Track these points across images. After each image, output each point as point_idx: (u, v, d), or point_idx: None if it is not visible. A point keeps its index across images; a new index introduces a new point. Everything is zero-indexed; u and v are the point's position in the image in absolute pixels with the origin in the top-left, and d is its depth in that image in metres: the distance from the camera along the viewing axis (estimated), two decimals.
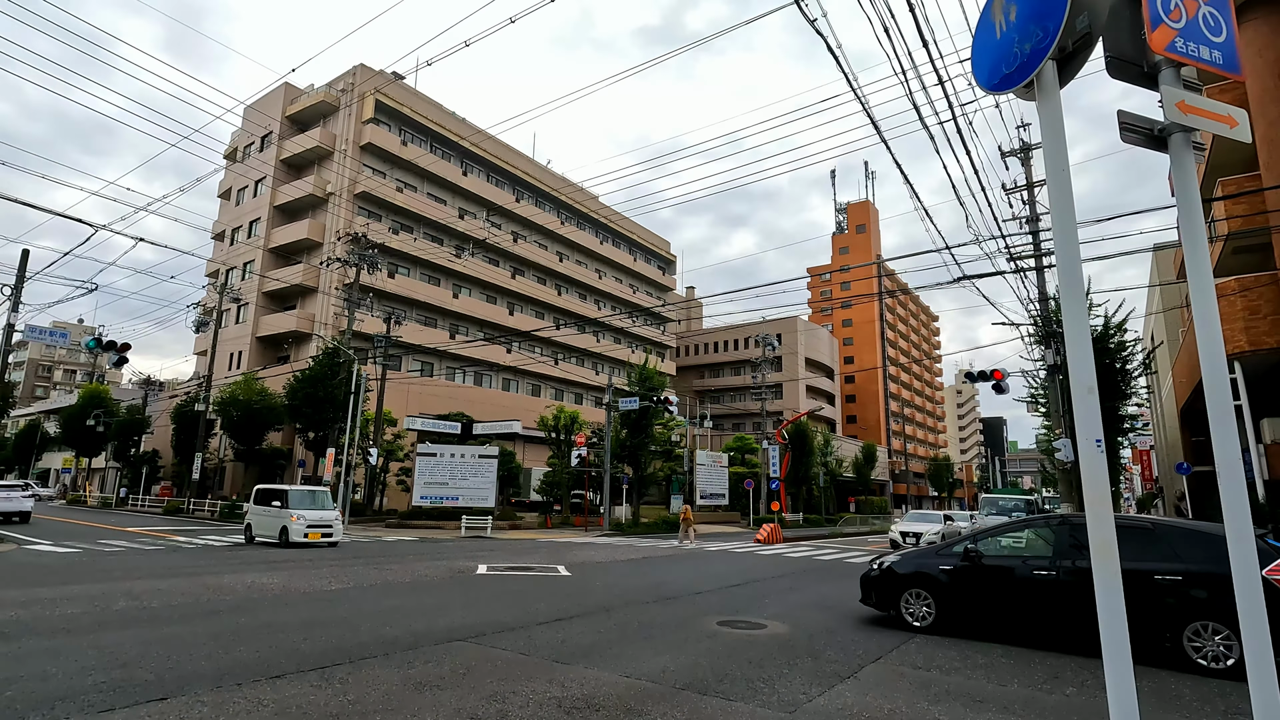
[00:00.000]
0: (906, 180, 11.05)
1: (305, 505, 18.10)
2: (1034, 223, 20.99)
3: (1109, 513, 1.87)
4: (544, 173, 55.05)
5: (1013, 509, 24.27)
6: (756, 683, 5.84)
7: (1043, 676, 6.45)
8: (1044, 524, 8.45)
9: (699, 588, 11.84)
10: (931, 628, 8.30)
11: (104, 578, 11.31)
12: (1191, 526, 7.90)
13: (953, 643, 7.90)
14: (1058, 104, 2.03)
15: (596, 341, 55.21)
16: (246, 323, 42.00)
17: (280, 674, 5.56)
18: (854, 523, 42.27)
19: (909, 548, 22.99)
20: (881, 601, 8.94)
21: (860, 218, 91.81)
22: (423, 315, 43.88)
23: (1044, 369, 21.22)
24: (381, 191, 41.77)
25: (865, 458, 61.98)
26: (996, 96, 2.87)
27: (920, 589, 8.53)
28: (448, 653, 6.49)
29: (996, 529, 8.75)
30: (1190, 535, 7.42)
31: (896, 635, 8.15)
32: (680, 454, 38.92)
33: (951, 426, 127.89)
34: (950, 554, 8.54)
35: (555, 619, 8.43)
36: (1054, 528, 8.03)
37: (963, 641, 7.94)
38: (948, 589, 8.32)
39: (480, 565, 14.25)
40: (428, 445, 30.32)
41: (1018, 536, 8.45)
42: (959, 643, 7.87)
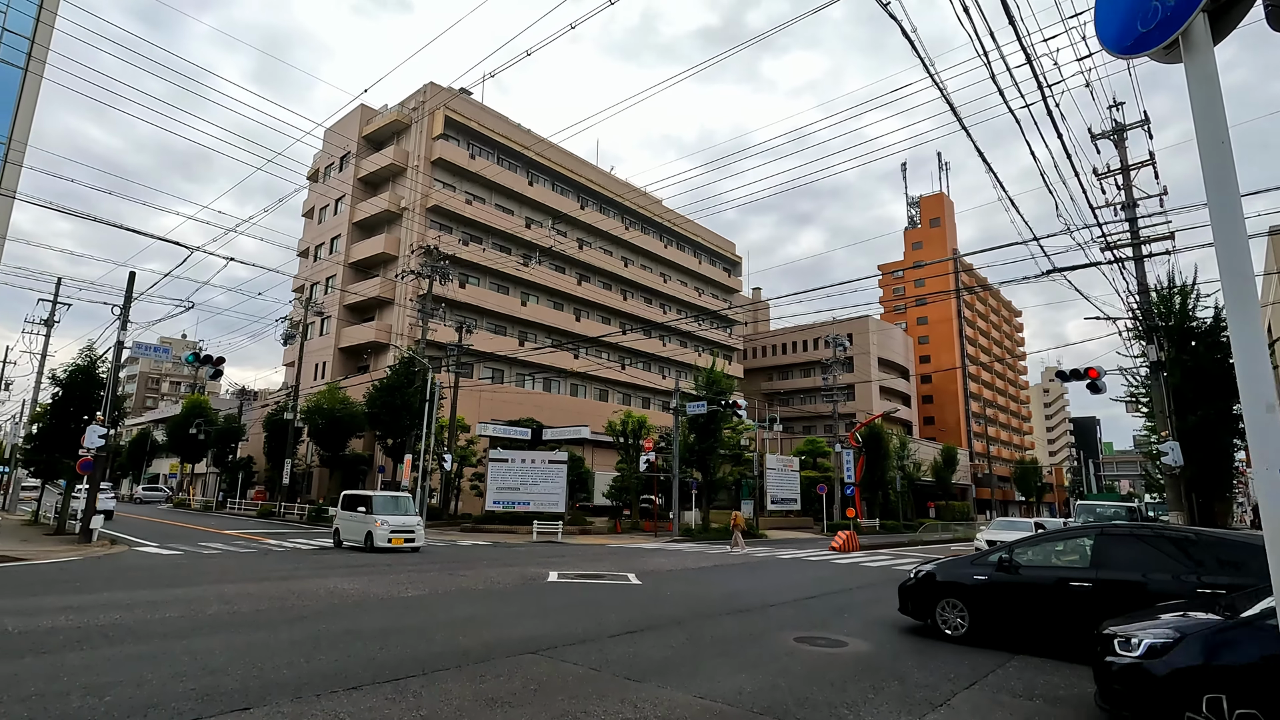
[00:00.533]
0: (988, 167, 10.36)
1: (389, 511, 18.59)
2: (1131, 209, 19.50)
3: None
4: (607, 179, 55.45)
5: (1112, 517, 22.56)
6: (840, 708, 5.49)
7: None
8: (1082, 535, 8.40)
9: (773, 599, 11.46)
10: (965, 638, 8.13)
11: (201, 580, 11.93)
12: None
13: (1055, 666, 7.28)
14: (1211, 64, 1.70)
15: (663, 345, 55.10)
16: (329, 335, 44.04)
17: (356, 685, 5.61)
18: (935, 529, 40.47)
19: None
20: (918, 610, 8.81)
21: (934, 211, 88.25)
22: (493, 323, 44.90)
23: (1145, 366, 19.66)
24: (451, 204, 43.02)
25: (945, 461, 59.34)
26: (1129, 60, 2.54)
27: (955, 598, 8.35)
28: (519, 666, 6.42)
29: (1032, 539, 8.60)
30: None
31: (992, 657, 7.58)
32: (749, 458, 38.26)
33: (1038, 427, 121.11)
34: (986, 563, 8.38)
35: (626, 631, 8.27)
36: (1093, 538, 7.95)
37: (1065, 665, 7.30)
38: (982, 598, 8.15)
39: (551, 572, 14.29)
40: (499, 451, 30.89)
41: (1054, 547, 8.38)
42: (1062, 666, 7.24)
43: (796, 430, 66.87)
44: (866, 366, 67.10)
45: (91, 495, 19.66)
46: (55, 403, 22.42)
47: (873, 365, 68.03)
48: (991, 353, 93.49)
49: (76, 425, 21.71)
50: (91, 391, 22.44)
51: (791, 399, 72.08)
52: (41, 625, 7.74)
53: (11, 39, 21.06)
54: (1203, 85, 1.71)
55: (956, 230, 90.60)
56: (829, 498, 38.28)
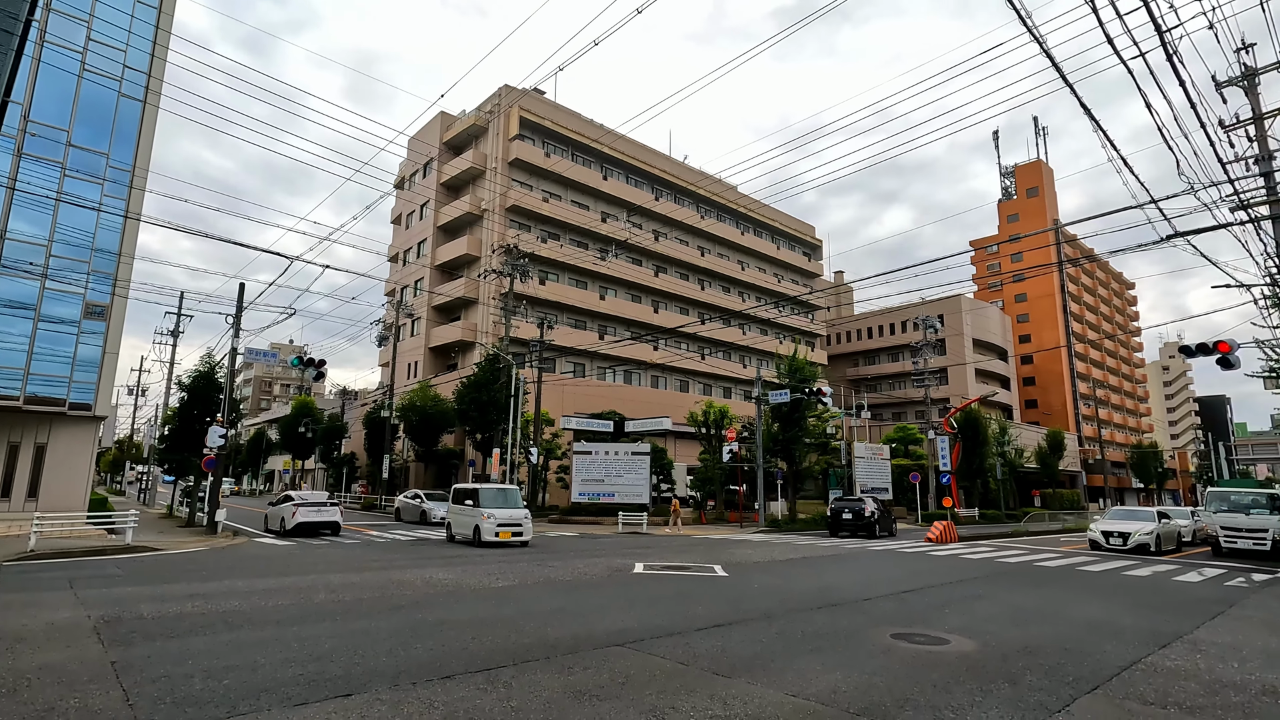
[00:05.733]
0: (1096, 124, 9.42)
1: (496, 504, 18.48)
2: (1266, 162, 17.46)
3: None
4: (681, 169, 55.06)
5: (1250, 505, 20.39)
6: (944, 711, 5.15)
7: None
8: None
9: (868, 593, 11.02)
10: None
11: (310, 570, 12.69)
12: None
13: (1188, 670, 6.59)
14: None
15: (743, 334, 54.32)
16: (419, 335, 46.00)
17: (450, 674, 5.75)
18: (1041, 519, 38.03)
19: (1111, 549, 20.12)
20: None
21: (1031, 180, 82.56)
22: (572, 318, 45.58)
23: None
24: (529, 203, 43.91)
25: (1050, 446, 55.64)
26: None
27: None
28: (606, 659, 6.41)
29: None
30: None
31: (1116, 658, 6.95)
32: (836, 446, 37.19)
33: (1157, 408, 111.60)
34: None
35: (714, 625, 8.13)
36: None
37: (1206, 672, 6.60)
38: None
39: (637, 564, 14.33)
40: (583, 444, 31.34)
41: None
42: (1200, 673, 6.55)
43: (885, 417, 64.44)
44: (960, 348, 63.78)
45: (214, 490, 21.31)
46: (182, 406, 24.48)
47: (966, 347, 64.58)
48: (1101, 329, 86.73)
49: (201, 426, 23.65)
50: (212, 395, 24.36)
51: (879, 385, 69.48)
52: (171, 611, 8.41)
53: (131, 74, 23.00)
54: None
55: (1057, 200, 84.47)
56: (923, 486, 36.67)
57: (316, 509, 20.91)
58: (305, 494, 23.21)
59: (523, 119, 44.36)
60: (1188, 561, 18.07)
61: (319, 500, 21.61)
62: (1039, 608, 10.09)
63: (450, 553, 16.25)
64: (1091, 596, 11.42)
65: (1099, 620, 9.16)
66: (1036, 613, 9.65)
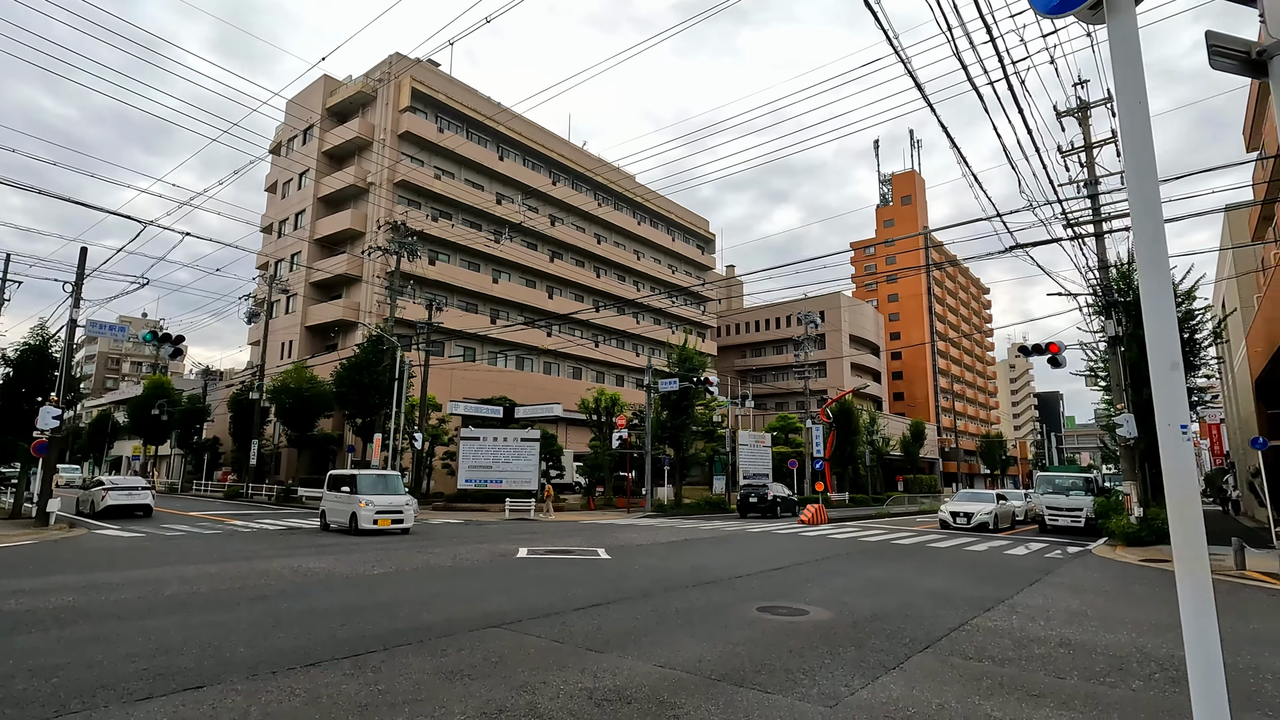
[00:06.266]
0: (952, 142, 10.42)
1: (376, 491, 17.87)
2: (1093, 185, 19.84)
3: (1196, 511, 1.56)
4: (580, 154, 54.79)
5: (1070, 487, 23.29)
6: (796, 674, 5.61)
7: (1105, 668, 6.06)
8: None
9: (740, 571, 11.64)
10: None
11: (161, 562, 11.72)
12: None
13: (1005, 629, 7.52)
14: (1133, 24, 1.70)
15: (636, 323, 55.05)
16: (295, 313, 43.15)
17: (315, 662, 5.58)
18: (901, 502, 41.39)
19: (957, 528, 22.32)
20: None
21: (906, 188, 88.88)
22: (464, 301, 44.37)
23: (1104, 341, 20.16)
24: (420, 179, 42.18)
25: (913, 435, 60.55)
26: (1055, 21, 2.54)
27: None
28: (482, 640, 6.44)
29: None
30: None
31: (948, 621, 7.80)
32: (722, 434, 38.60)
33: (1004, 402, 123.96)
34: None
35: (592, 605, 8.34)
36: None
37: (1019, 630, 7.56)
38: None
39: (521, 549, 14.33)
40: (471, 429, 30.73)
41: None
42: (1014, 631, 7.49)
43: (769, 407, 67.56)
44: (838, 343, 67.86)
45: (46, 477, 19.12)
46: (5, 384, 21.68)
47: (844, 342, 68.81)
48: (960, 329, 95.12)
49: (30, 406, 21.05)
50: (45, 372, 21.73)
51: (765, 376, 72.70)
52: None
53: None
54: (1124, 45, 1.71)
55: (928, 208, 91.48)
56: (800, 472, 38.85)
57: (128, 492, 22.14)
58: (117, 479, 24.63)
59: (415, 91, 42.46)
60: (1018, 537, 20.35)
61: (131, 484, 22.92)
62: (890, 580, 11.08)
63: (324, 541, 15.52)
64: (936, 569, 12.66)
65: (939, 590, 10.20)
66: (887, 584, 10.59)
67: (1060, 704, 5.06)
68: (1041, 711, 4.89)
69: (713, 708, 4.73)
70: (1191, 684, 1.53)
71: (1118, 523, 18.59)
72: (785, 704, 4.87)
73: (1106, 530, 19.75)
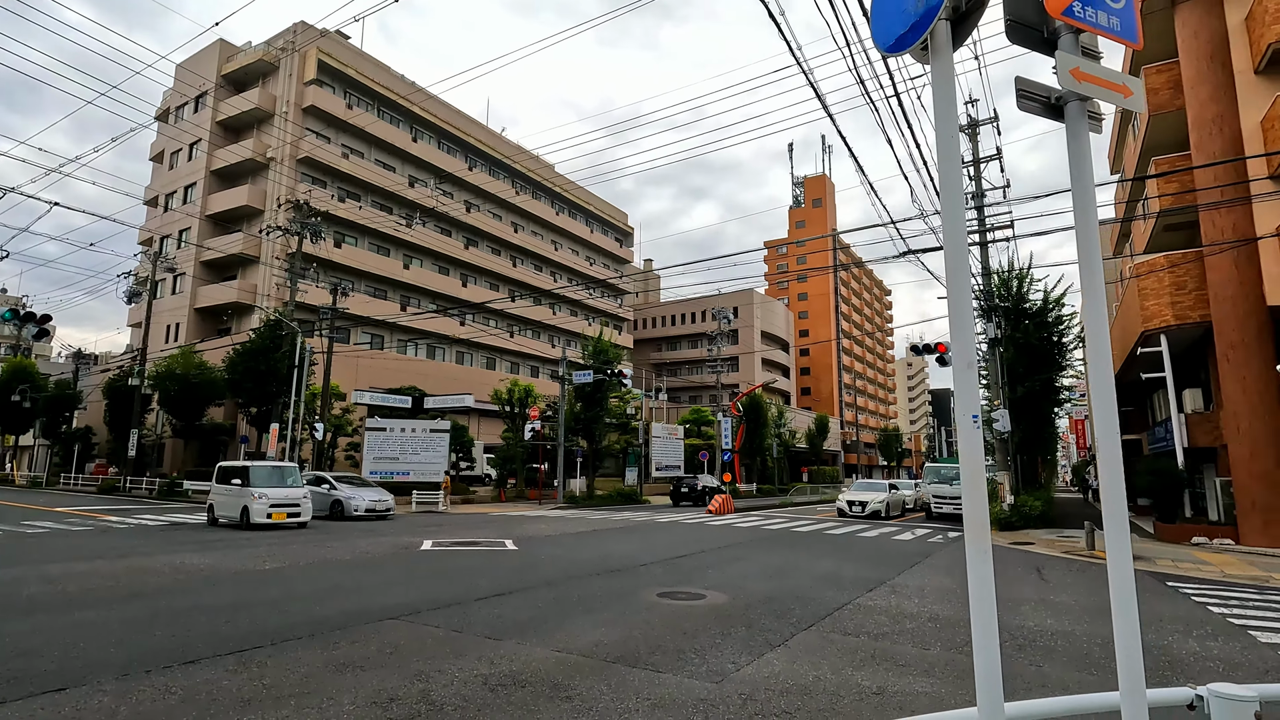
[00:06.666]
0: (850, 152, 11.05)
1: (271, 483, 17.12)
2: (980, 198, 21.40)
3: (983, 493, 1.84)
4: (498, 140, 53.71)
5: (953, 477, 25.12)
6: (688, 653, 5.88)
7: (964, 639, 6.67)
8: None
9: (645, 559, 11.92)
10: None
11: (20, 561, 10.75)
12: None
13: (884, 607, 8.12)
14: (950, 66, 1.95)
15: (553, 314, 54.67)
16: (184, 294, 40.18)
17: (194, 659, 5.35)
18: (805, 492, 43.26)
19: (853, 516, 23.64)
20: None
21: (817, 192, 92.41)
22: (372, 286, 42.67)
23: (985, 342, 21.84)
24: (326, 157, 40.14)
25: (818, 429, 63.27)
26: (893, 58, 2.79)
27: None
28: (377, 632, 6.35)
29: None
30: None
31: (833, 601, 8.33)
32: (636, 426, 39.03)
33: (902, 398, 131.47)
34: None
35: (495, 594, 8.36)
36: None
37: (895, 608, 8.17)
38: None
39: (426, 541, 14.08)
40: (377, 420, 29.70)
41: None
42: (891, 608, 8.10)
43: (683, 400, 68.81)
44: (750, 339, 69.91)
45: None
46: None
47: (756, 338, 70.96)
48: (863, 328, 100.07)
49: None
50: None
51: (679, 369, 73.92)
52: None
53: None
54: (943, 83, 1.96)
55: (837, 211, 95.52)
56: (710, 464, 39.86)
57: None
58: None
59: (321, 63, 40.33)
60: (907, 524, 21.79)
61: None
62: (786, 565, 11.66)
63: (210, 537, 14.66)
64: (829, 554, 13.42)
65: (830, 573, 10.84)
66: (783, 569, 11.15)
67: (923, 672, 5.56)
68: (905, 679, 5.36)
69: (604, 688, 4.91)
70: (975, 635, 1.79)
71: (993, 510, 20.23)
72: (674, 681, 5.11)
73: None
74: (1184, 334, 18.30)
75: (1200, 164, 16.55)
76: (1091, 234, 2.11)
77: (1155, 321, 18.01)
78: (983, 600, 1.80)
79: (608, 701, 4.63)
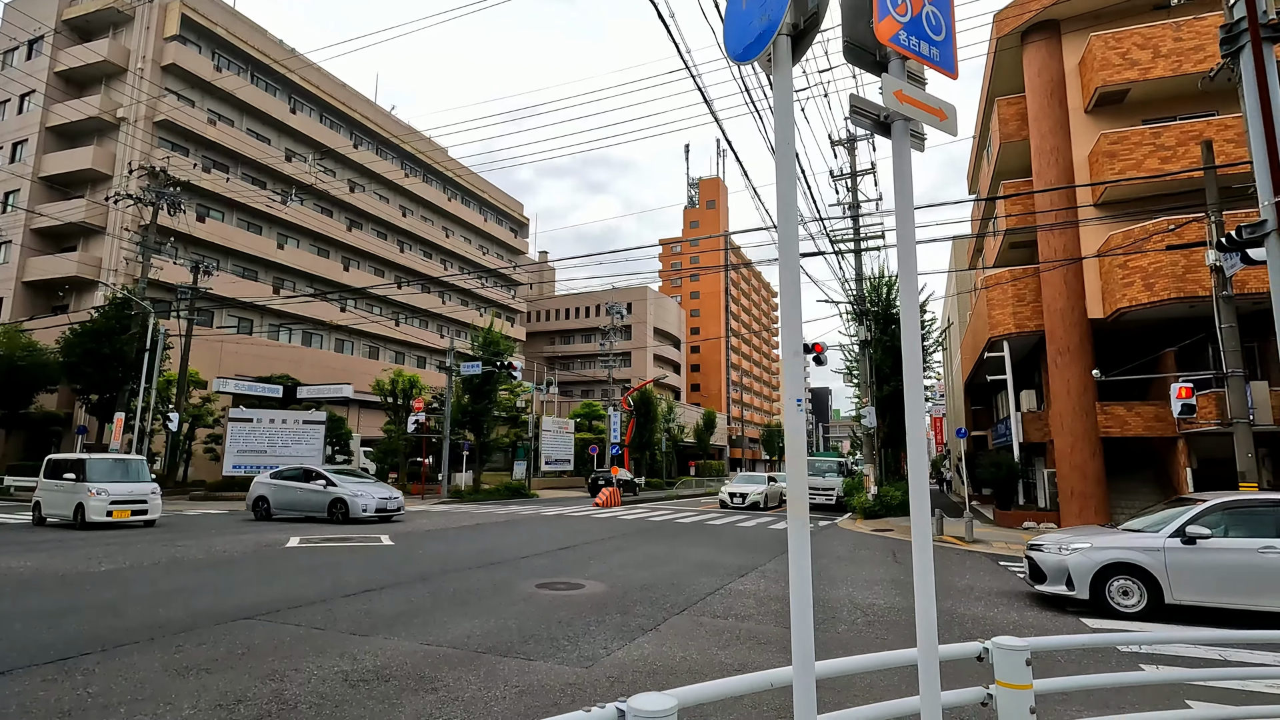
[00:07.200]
0: (737, 158, 11.50)
1: (112, 478, 15.50)
2: (856, 209, 22.85)
3: (804, 470, 2.02)
4: (387, 119, 51.18)
5: (826, 470, 26.79)
6: (561, 641, 5.94)
7: (822, 617, 7.17)
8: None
9: (528, 552, 11.86)
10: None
11: None
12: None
13: (753, 590, 8.56)
14: (789, 78, 2.11)
15: (442, 303, 52.87)
16: (10, 264, 35.38)
17: (6, 670, 4.79)
18: (690, 485, 44.55)
19: (734, 507, 24.62)
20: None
21: (711, 194, 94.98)
22: (241, 266, 39.45)
23: (857, 344, 23.36)
24: (188, 121, 36.63)
25: (706, 424, 65.22)
26: (741, 66, 3.01)
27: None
28: (229, 633, 5.95)
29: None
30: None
31: (706, 587, 8.67)
32: (526, 420, 38.59)
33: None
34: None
35: (364, 590, 8.04)
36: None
37: (763, 591, 8.63)
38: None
39: (293, 538, 13.27)
40: (243, 410, 27.56)
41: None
42: (759, 592, 8.54)
43: (575, 394, 68.75)
44: (643, 335, 70.89)
45: None
46: None
47: (649, 334, 72.05)
48: (751, 327, 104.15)
49: None
50: None
51: (572, 363, 73.76)
52: None
53: None
54: (782, 94, 2.12)
55: (730, 213, 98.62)
56: (600, 458, 40.12)
57: None
58: None
59: (185, 18, 36.74)
60: (783, 514, 22.96)
61: None
62: (666, 554, 11.99)
63: (35, 538, 13.08)
64: (708, 543, 13.92)
65: (707, 561, 11.26)
66: (662, 558, 11.46)
67: (782, 649, 5.92)
68: (766, 655, 5.70)
69: (473, 678, 4.87)
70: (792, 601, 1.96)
71: (859, 499, 21.74)
72: (545, 668, 5.15)
73: (851, 506, 23.01)
74: (1023, 341, 20.46)
75: (1039, 189, 18.55)
76: (910, 244, 2.35)
77: (1000, 329, 20.01)
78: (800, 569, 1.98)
79: (475, 691, 4.60)
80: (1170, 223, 15.21)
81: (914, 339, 2.36)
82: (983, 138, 25.58)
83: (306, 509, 17.66)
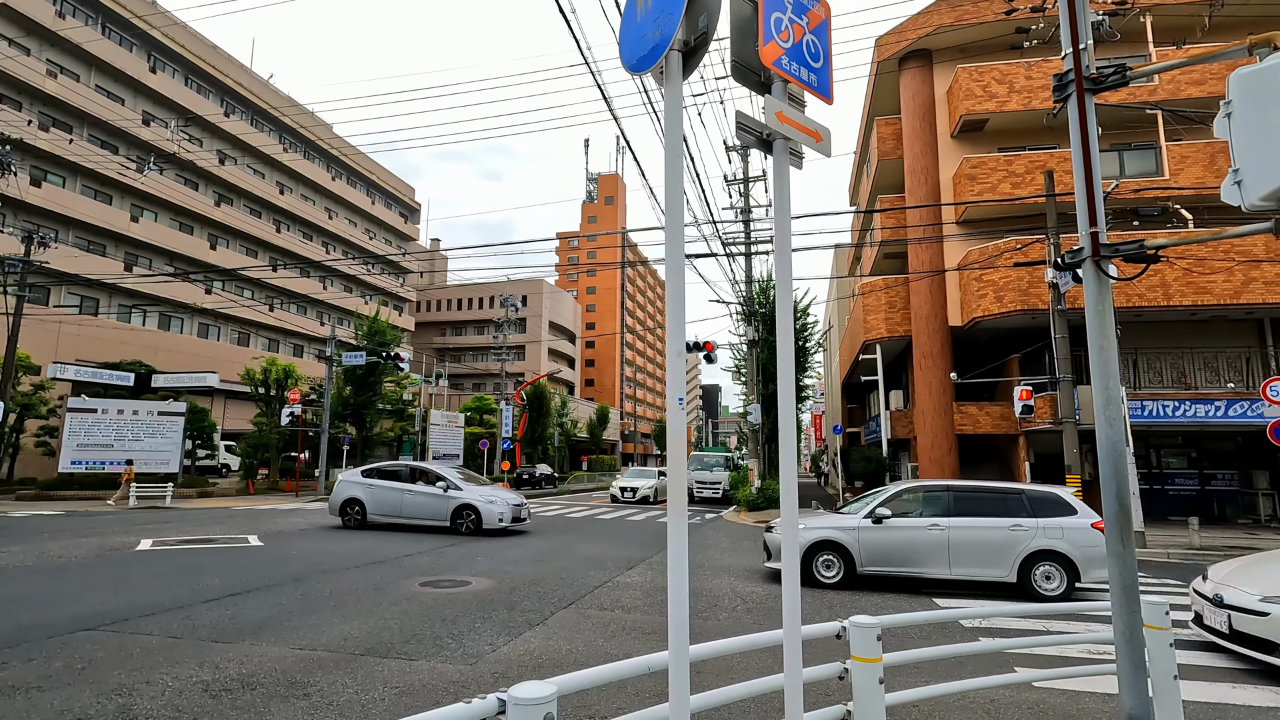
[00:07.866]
0: (634, 157, 11.65)
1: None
2: (747, 213, 23.74)
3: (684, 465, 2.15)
4: (264, 88, 47.46)
5: (714, 464, 27.72)
6: (445, 639, 5.83)
7: (705, 605, 7.47)
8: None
9: (410, 550, 11.48)
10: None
11: None
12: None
13: (639, 583, 8.75)
14: (679, 93, 2.22)
15: (324, 288, 49.81)
16: None
17: None
18: (582, 479, 44.64)
19: (625, 501, 24.96)
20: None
21: (610, 190, 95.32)
22: (86, 239, 35.31)
23: (746, 343, 24.31)
24: (22, 71, 32.31)
25: (599, 419, 65.51)
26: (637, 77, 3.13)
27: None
28: (65, 646, 5.38)
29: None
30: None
31: (594, 580, 8.77)
32: (413, 413, 37.15)
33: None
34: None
35: (229, 594, 7.50)
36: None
37: (649, 583, 8.84)
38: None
39: (145, 540, 12.11)
40: (85, 400, 24.72)
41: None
42: (646, 584, 8.75)
43: (468, 387, 66.96)
44: (538, 328, 70.11)
45: None
46: None
47: (543, 327, 71.35)
48: (647, 324, 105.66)
49: None
50: None
51: (464, 356, 71.76)
52: None
53: None
54: (673, 108, 2.22)
55: (628, 210, 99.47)
56: (491, 453, 39.35)
57: None
58: None
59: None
60: None
61: None
62: (555, 549, 11.99)
63: None
64: (597, 538, 14.05)
65: (595, 555, 11.37)
66: (552, 553, 11.45)
67: (664, 638, 6.09)
68: (650, 644, 5.86)
69: (349, 681, 4.70)
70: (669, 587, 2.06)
71: (743, 493, 22.65)
72: (427, 668, 5.05)
73: (736, 499, 23.95)
74: (894, 345, 22.10)
75: (910, 205, 20.08)
76: (786, 254, 2.52)
77: (874, 333, 21.50)
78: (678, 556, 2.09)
79: (351, 694, 4.44)
80: (1017, 242, 16.94)
81: (787, 340, 2.54)
82: (864, 153, 27.32)
83: (419, 516, 14.56)
